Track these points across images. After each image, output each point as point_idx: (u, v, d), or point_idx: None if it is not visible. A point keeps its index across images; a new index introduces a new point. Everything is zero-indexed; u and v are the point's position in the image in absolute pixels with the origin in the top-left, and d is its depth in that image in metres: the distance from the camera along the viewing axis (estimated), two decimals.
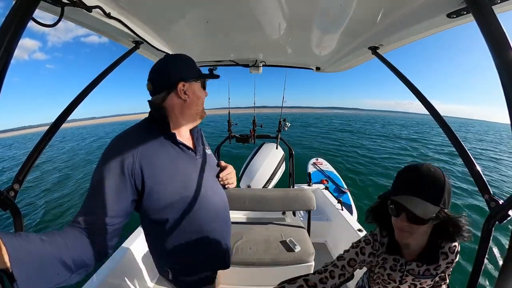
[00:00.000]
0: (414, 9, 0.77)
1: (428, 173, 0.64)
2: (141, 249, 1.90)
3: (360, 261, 0.83)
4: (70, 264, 0.55)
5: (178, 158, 0.80)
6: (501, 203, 0.51)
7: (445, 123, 0.73)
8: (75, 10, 0.70)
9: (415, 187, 0.64)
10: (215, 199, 0.87)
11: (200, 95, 0.84)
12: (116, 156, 0.68)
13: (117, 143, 0.72)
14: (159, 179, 0.73)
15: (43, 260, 0.49)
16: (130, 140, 0.73)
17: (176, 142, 0.80)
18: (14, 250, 0.44)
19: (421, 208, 0.60)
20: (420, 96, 0.86)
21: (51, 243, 0.52)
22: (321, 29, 1.08)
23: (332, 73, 1.92)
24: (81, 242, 0.60)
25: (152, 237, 0.85)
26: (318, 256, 1.75)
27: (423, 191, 0.63)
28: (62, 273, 0.54)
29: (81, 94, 0.87)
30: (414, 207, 0.60)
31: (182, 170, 0.79)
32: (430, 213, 0.61)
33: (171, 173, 0.76)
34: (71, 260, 0.55)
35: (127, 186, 0.68)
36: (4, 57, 0.43)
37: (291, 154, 3.11)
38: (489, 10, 0.49)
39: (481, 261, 0.54)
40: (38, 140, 0.75)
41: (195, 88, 0.82)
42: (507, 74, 0.44)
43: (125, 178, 0.68)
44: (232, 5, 0.86)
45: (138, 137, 0.75)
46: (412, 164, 0.69)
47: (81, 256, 0.59)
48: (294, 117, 48.11)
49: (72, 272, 0.56)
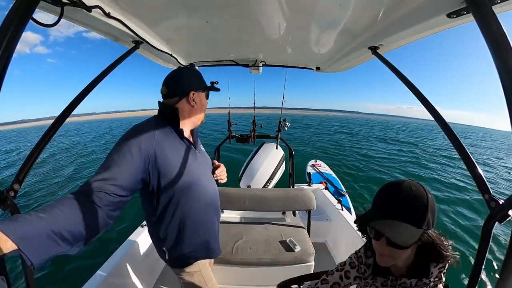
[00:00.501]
0: (414, 9, 0.77)
1: (409, 193, 0.58)
2: (141, 249, 1.91)
3: (344, 285, 0.82)
4: (67, 236, 0.59)
5: (183, 150, 0.95)
6: (501, 203, 0.51)
7: (445, 123, 0.73)
8: (75, 10, 0.71)
9: (395, 210, 0.59)
10: (209, 188, 1.03)
11: (204, 103, 1.03)
12: (136, 138, 0.81)
13: (138, 129, 0.86)
14: (169, 164, 0.87)
15: (41, 235, 0.54)
16: (149, 129, 0.87)
17: (183, 137, 0.95)
18: (13, 233, 0.49)
19: (401, 233, 0.56)
20: (420, 96, 0.85)
21: (47, 219, 0.56)
22: (321, 29, 1.08)
23: (332, 75, 1.92)
24: (83, 210, 0.63)
25: (153, 219, 0.95)
26: (318, 256, 1.75)
27: (403, 214, 0.58)
28: (62, 244, 0.58)
29: (82, 93, 0.87)
30: (393, 233, 0.55)
31: (186, 159, 0.93)
32: (411, 238, 0.56)
33: (178, 160, 0.90)
34: (68, 233, 0.59)
35: (141, 165, 0.79)
36: (4, 57, 0.43)
37: (291, 154, 3.11)
38: (489, 10, 0.49)
39: (481, 261, 0.54)
40: (33, 136, 0.75)
41: (202, 97, 1.00)
42: (507, 74, 0.44)
43: (141, 156, 0.79)
44: (232, 5, 0.86)
45: (154, 128, 0.88)
46: (392, 183, 0.63)
47: (78, 227, 0.61)
48: (294, 118, 48.34)
49: (71, 244, 0.60)
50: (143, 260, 1.89)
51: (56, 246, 0.57)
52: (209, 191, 1.03)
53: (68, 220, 0.60)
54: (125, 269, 1.70)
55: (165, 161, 0.85)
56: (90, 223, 0.65)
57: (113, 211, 0.72)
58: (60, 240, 0.57)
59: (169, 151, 0.88)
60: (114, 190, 0.71)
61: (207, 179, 1.04)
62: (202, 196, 0.98)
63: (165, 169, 0.85)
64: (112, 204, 0.71)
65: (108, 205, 0.70)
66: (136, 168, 0.78)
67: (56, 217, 0.58)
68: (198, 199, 0.97)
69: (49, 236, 0.55)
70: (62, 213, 0.59)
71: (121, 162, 0.75)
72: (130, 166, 0.76)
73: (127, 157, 0.76)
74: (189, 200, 0.94)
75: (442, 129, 0.74)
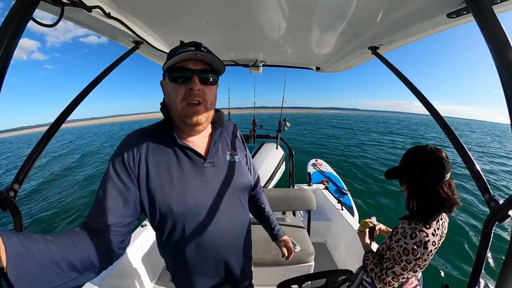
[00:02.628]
0: (414, 9, 0.77)
1: (409, 151, 0.98)
2: (141, 249, 1.90)
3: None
4: (76, 264, 0.52)
5: (179, 162, 0.72)
6: (501, 203, 0.51)
7: (445, 122, 0.73)
8: (75, 10, 0.70)
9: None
10: (220, 217, 0.74)
11: (171, 93, 0.69)
12: (121, 157, 0.67)
13: (126, 141, 0.71)
14: (156, 183, 0.68)
15: (44, 260, 0.46)
16: (138, 138, 0.71)
17: (178, 144, 0.72)
18: (12, 248, 0.41)
19: (390, 170, 1.01)
20: (419, 95, 0.85)
21: (56, 242, 0.49)
22: (321, 29, 1.08)
23: (332, 74, 1.92)
24: (90, 242, 0.57)
25: (157, 238, 0.81)
26: (318, 256, 1.75)
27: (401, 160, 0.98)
28: (66, 274, 0.50)
29: (81, 94, 0.87)
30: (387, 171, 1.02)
31: (180, 176, 0.70)
32: (391, 176, 1.01)
33: (167, 178, 0.69)
34: (77, 261, 0.52)
35: (132, 186, 0.67)
36: (4, 57, 0.43)
37: (291, 154, 3.11)
38: (489, 10, 0.49)
39: (482, 260, 0.54)
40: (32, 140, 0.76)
41: (167, 85, 0.70)
42: (507, 74, 0.44)
43: (130, 177, 0.66)
44: (232, 5, 0.86)
45: (145, 137, 0.72)
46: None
47: (89, 257, 0.55)
48: (293, 117, 49.24)
49: (79, 272, 0.53)
50: (143, 260, 1.89)
51: (58, 276, 0.48)
52: (217, 220, 0.73)
53: (79, 249, 0.53)
54: (125, 269, 1.70)
55: (150, 179, 0.68)
56: (101, 256, 0.58)
57: (120, 245, 0.65)
58: (66, 268, 0.50)
59: (157, 165, 0.69)
60: (116, 221, 0.63)
61: (216, 204, 0.74)
62: (202, 226, 0.72)
63: (151, 189, 0.68)
64: (118, 237, 0.63)
65: (115, 240, 0.62)
66: (128, 190, 0.66)
67: (66, 244, 0.51)
68: (197, 229, 0.72)
69: (53, 262, 0.47)
70: (72, 241, 0.53)
71: (111, 189, 0.64)
72: (121, 193, 0.65)
73: (115, 181, 0.65)
74: (184, 230, 0.72)
75: (442, 128, 0.74)
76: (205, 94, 0.69)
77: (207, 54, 0.66)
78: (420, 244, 0.90)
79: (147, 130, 0.75)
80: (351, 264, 2.03)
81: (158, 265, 2.13)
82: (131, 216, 0.67)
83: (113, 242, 0.62)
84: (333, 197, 2.75)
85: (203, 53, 0.65)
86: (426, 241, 0.89)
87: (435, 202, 0.91)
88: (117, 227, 0.63)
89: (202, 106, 0.70)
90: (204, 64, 0.69)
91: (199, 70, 0.68)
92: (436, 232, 0.91)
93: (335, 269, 1.00)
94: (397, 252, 0.94)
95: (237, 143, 0.88)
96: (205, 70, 0.69)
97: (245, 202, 0.85)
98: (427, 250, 0.90)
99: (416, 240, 0.90)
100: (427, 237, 0.90)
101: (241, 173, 0.81)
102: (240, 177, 0.81)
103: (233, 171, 0.79)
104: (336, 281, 1.02)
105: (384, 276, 0.99)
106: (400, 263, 0.94)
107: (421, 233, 0.91)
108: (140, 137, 0.72)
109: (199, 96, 0.68)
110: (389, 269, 0.98)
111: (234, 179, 0.79)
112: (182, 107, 0.68)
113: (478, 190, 0.58)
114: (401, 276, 0.96)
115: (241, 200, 0.82)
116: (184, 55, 0.64)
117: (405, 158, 0.97)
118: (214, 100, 0.75)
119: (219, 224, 0.74)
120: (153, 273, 2.01)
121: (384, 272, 0.99)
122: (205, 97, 0.70)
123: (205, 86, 0.69)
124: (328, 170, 4.81)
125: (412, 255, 0.91)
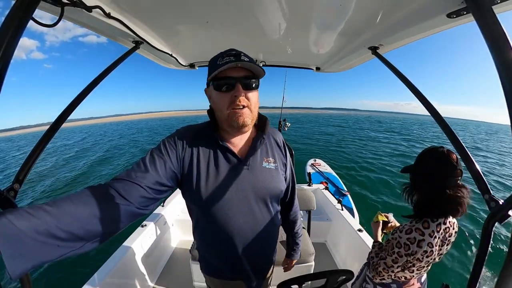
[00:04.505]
0: (414, 9, 0.77)
1: (425, 148, 1.00)
2: (141, 249, 1.91)
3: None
4: (79, 234, 0.50)
5: (218, 161, 0.78)
6: (501, 203, 0.51)
7: (445, 123, 0.73)
8: (75, 10, 0.70)
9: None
10: (243, 218, 0.79)
11: (216, 100, 0.75)
12: (174, 137, 0.77)
13: (180, 130, 0.82)
14: (194, 173, 0.76)
15: (37, 234, 0.44)
16: (189, 130, 0.81)
17: (219, 144, 0.78)
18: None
19: (407, 166, 1.04)
20: (419, 95, 0.86)
21: (55, 213, 0.47)
22: (321, 29, 1.08)
23: (332, 74, 1.92)
24: (105, 204, 0.56)
25: (191, 217, 0.90)
26: (318, 256, 1.75)
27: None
28: (67, 244, 0.49)
29: (82, 93, 0.87)
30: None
31: (215, 173, 0.77)
32: (406, 169, 1.04)
33: (203, 172, 0.76)
34: (82, 229, 0.50)
35: (176, 163, 0.74)
36: (4, 57, 0.43)
37: (291, 154, 3.10)
38: (489, 10, 0.49)
39: (482, 261, 0.54)
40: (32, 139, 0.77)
41: (212, 93, 0.77)
42: (507, 74, 0.44)
43: (175, 155, 0.74)
44: (232, 5, 0.86)
45: (194, 133, 0.81)
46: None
47: (97, 224, 0.53)
48: (293, 117, 50.05)
49: (84, 240, 0.52)
50: (143, 260, 1.89)
51: (57, 248, 0.47)
52: (235, 222, 0.78)
53: (84, 215, 0.51)
54: (125, 269, 1.70)
55: (191, 169, 0.76)
56: (112, 218, 0.57)
57: (142, 208, 0.65)
58: (67, 238, 0.48)
59: (199, 158, 0.77)
60: (147, 183, 0.65)
61: (238, 206, 0.78)
62: (223, 222, 0.78)
63: (189, 178, 0.76)
64: (144, 199, 0.64)
65: (139, 200, 0.63)
66: (170, 165, 0.72)
67: (68, 212, 0.49)
68: (219, 223, 0.78)
69: (50, 235, 0.45)
70: (75, 208, 0.51)
71: (157, 157, 0.71)
72: (166, 162, 0.71)
73: (163, 153, 0.72)
74: (209, 221, 0.79)
75: (442, 128, 0.74)
76: (249, 98, 0.74)
77: (247, 63, 0.70)
78: (414, 241, 0.91)
79: (198, 127, 0.83)
80: (351, 264, 2.03)
81: (158, 265, 2.14)
82: (165, 186, 0.70)
83: (137, 200, 0.62)
84: (333, 197, 2.75)
85: (244, 62, 0.69)
86: (420, 240, 0.90)
87: (433, 203, 0.91)
88: (149, 188, 0.65)
89: (247, 109, 0.74)
90: (245, 71, 0.72)
91: (241, 77, 0.72)
92: (435, 235, 0.91)
93: (335, 269, 1.00)
94: (392, 244, 0.98)
95: (277, 150, 0.90)
96: (247, 77, 0.73)
97: (273, 209, 0.87)
98: (420, 249, 0.90)
99: (410, 236, 0.92)
100: (422, 235, 0.91)
101: (274, 180, 0.84)
102: (272, 185, 0.83)
103: (266, 178, 0.82)
104: (336, 281, 1.02)
105: (377, 265, 1.04)
106: (392, 255, 0.97)
107: (417, 231, 0.92)
108: (191, 131, 0.81)
109: (243, 102, 0.73)
110: (382, 259, 1.03)
111: (266, 185, 0.81)
112: (229, 113, 0.74)
113: (478, 190, 0.58)
114: (391, 269, 0.99)
115: (268, 206, 0.84)
116: (227, 66, 0.68)
117: (418, 156, 1.00)
118: (257, 103, 0.79)
119: (241, 223, 0.79)
120: (153, 273, 2.01)
121: (378, 261, 1.04)
122: (249, 102, 0.74)
123: (248, 91, 0.74)
124: (327, 170, 4.80)
125: (404, 249, 0.93)
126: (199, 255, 0.94)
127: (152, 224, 2.13)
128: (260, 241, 0.85)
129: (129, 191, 0.61)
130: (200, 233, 0.86)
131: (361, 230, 2.02)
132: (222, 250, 0.83)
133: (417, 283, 1.06)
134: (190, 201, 0.80)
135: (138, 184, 0.63)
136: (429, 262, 0.97)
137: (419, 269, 0.98)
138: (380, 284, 1.07)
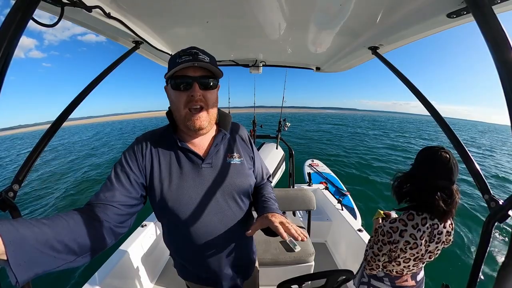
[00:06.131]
0: (414, 9, 0.77)
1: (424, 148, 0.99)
2: (141, 249, 1.91)
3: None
4: (72, 246, 0.52)
5: (179, 162, 0.77)
6: (501, 203, 0.51)
7: (445, 122, 0.73)
8: (75, 10, 0.70)
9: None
10: (213, 217, 0.77)
11: (173, 98, 0.73)
12: (134, 146, 0.76)
13: (140, 137, 0.80)
14: (157, 179, 0.75)
15: (39, 244, 0.46)
16: (146, 140, 0.78)
17: (177, 145, 0.77)
18: (9, 235, 0.42)
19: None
20: (419, 95, 0.85)
21: (51, 225, 0.50)
22: (321, 29, 1.08)
23: (331, 74, 1.92)
24: (87, 223, 0.58)
25: (162, 227, 0.88)
26: (318, 256, 1.75)
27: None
28: (61, 256, 0.51)
29: (82, 93, 0.87)
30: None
31: (179, 175, 0.75)
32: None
33: (166, 176, 0.75)
34: (74, 242, 0.53)
35: (139, 174, 0.73)
36: (4, 57, 0.43)
37: (291, 154, 3.11)
38: (489, 10, 0.49)
39: (481, 261, 0.54)
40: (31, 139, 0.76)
41: (170, 91, 0.75)
42: (507, 74, 0.44)
43: (138, 167, 0.73)
44: (232, 5, 0.86)
45: (154, 138, 0.79)
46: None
47: (85, 238, 0.56)
48: (293, 117, 50.48)
49: (77, 254, 0.54)
50: (143, 260, 1.89)
51: (54, 259, 0.49)
52: (208, 220, 0.76)
53: (75, 230, 0.54)
54: (125, 269, 1.70)
55: (153, 175, 0.75)
56: (98, 236, 0.60)
57: (120, 225, 0.67)
58: (62, 250, 0.51)
59: (160, 163, 0.76)
60: (117, 201, 0.66)
61: (208, 205, 0.76)
62: (192, 224, 0.76)
63: (153, 184, 0.74)
64: (119, 217, 0.66)
65: (115, 219, 0.65)
66: (134, 177, 0.72)
67: (62, 226, 0.52)
68: (188, 225, 0.76)
69: (48, 245, 0.48)
70: (67, 223, 0.54)
71: (121, 172, 0.71)
72: (130, 175, 0.71)
73: (125, 167, 0.72)
74: (178, 226, 0.77)
75: (441, 128, 0.74)
76: (206, 98, 0.73)
77: (204, 63, 0.68)
78: (396, 230, 0.96)
79: (157, 132, 0.82)
80: (351, 264, 2.03)
81: (158, 265, 2.14)
82: (135, 199, 0.71)
83: (113, 218, 0.65)
84: (333, 197, 2.75)
85: (201, 62, 0.68)
86: (402, 230, 0.95)
87: (415, 199, 0.97)
88: (120, 205, 0.67)
89: (204, 111, 0.74)
90: (203, 70, 0.71)
91: (198, 76, 0.70)
92: (419, 227, 0.94)
93: (335, 269, 1.00)
94: (378, 232, 1.03)
95: (242, 145, 0.89)
96: (204, 76, 0.71)
97: (244, 204, 0.85)
98: (402, 239, 0.94)
99: (393, 225, 0.98)
100: (405, 226, 0.95)
101: (241, 175, 0.82)
102: (239, 179, 0.81)
103: (232, 173, 0.81)
104: (336, 281, 1.02)
105: (367, 255, 1.10)
106: (377, 243, 1.03)
107: (400, 221, 0.97)
108: (150, 137, 0.79)
109: (200, 101, 0.72)
110: (371, 248, 1.08)
111: (232, 180, 0.80)
112: (185, 113, 0.72)
113: (478, 190, 0.58)
114: (378, 257, 1.04)
115: (238, 202, 0.82)
116: (183, 65, 0.67)
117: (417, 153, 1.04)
118: (215, 102, 0.78)
119: (211, 222, 0.77)
120: (153, 273, 2.01)
121: (368, 250, 1.10)
122: (206, 102, 0.73)
123: (206, 91, 0.73)
124: (326, 170, 4.80)
125: (386, 237, 0.98)
126: (174, 262, 0.91)
127: (152, 224, 2.14)
128: (235, 240, 0.83)
129: (104, 212, 0.63)
130: (171, 239, 0.84)
131: (361, 230, 2.03)
132: (195, 252, 0.80)
133: (412, 281, 1.06)
134: (157, 207, 0.77)
135: (109, 204, 0.65)
136: (416, 256, 0.98)
137: (406, 262, 1.00)
138: (373, 276, 1.11)
